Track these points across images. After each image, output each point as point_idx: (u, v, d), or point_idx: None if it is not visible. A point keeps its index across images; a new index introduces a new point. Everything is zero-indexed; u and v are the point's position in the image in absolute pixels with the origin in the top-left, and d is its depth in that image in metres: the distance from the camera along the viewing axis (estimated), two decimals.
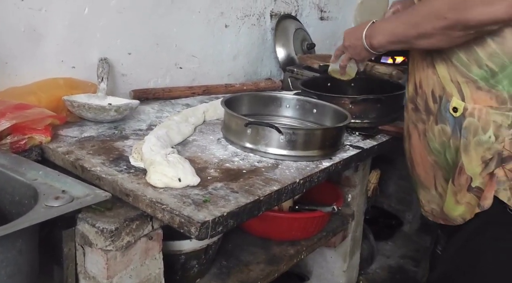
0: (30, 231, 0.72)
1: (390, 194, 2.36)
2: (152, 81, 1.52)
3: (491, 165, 0.89)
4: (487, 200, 0.90)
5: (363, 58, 1.17)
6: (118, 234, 0.82)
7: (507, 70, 0.86)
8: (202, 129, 1.23)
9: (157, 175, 0.87)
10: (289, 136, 1.04)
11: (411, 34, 0.93)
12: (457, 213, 0.97)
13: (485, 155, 0.90)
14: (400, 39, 0.98)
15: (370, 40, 1.05)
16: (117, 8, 1.34)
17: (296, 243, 1.36)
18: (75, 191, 0.78)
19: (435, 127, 0.98)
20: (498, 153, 0.89)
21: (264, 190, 0.90)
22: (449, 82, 0.93)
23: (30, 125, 0.99)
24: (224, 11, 1.69)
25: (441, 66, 0.95)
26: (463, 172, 0.93)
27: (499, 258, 0.95)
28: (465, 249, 0.99)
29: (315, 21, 2.20)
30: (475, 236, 0.97)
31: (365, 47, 1.07)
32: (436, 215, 1.05)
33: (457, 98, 0.92)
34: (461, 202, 0.95)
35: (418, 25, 0.91)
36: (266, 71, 1.98)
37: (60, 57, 1.24)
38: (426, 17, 0.89)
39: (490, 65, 0.87)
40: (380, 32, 1.03)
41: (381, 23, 1.06)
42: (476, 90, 0.90)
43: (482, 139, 0.90)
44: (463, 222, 0.97)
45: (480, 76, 0.89)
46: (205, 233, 0.77)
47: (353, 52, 1.15)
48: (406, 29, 0.95)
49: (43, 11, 1.17)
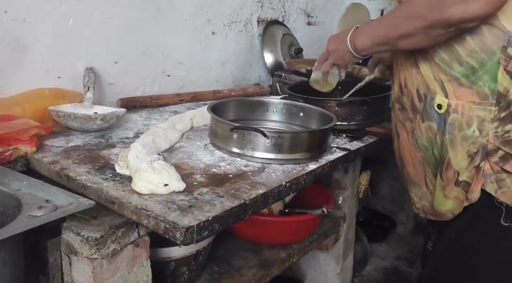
0: (13, 241, 0.72)
1: (383, 195, 2.37)
2: (139, 89, 1.52)
3: (476, 158, 0.91)
4: (474, 193, 0.92)
5: (347, 62, 1.18)
6: (103, 242, 0.82)
7: (486, 66, 0.88)
8: (189, 135, 1.24)
9: (142, 182, 0.87)
10: (275, 139, 1.05)
11: (393, 35, 0.95)
12: (446, 208, 0.98)
13: (470, 149, 0.92)
14: (383, 41, 1.00)
15: (354, 43, 1.07)
16: (101, 18, 1.35)
17: (288, 246, 1.36)
18: (59, 200, 0.78)
19: (422, 124, 1.00)
20: (482, 146, 0.91)
21: (250, 193, 0.91)
22: (432, 81, 0.96)
23: (15, 136, 0.99)
24: (210, 18, 1.71)
25: (424, 65, 0.97)
26: (450, 166, 0.95)
27: (489, 250, 0.96)
28: (455, 244, 1.00)
29: (302, 26, 2.21)
30: (464, 230, 0.98)
31: (349, 50, 1.09)
32: (427, 212, 1.07)
33: (440, 96, 0.94)
34: (449, 197, 0.97)
35: (399, 26, 0.93)
36: (254, 76, 1.99)
37: (45, 67, 1.25)
38: (406, 18, 0.92)
39: (470, 62, 0.90)
40: (363, 35, 1.05)
41: (364, 26, 1.08)
42: (458, 86, 0.92)
43: (467, 133, 0.92)
44: (452, 217, 0.98)
45: (461, 73, 0.91)
46: (190, 238, 0.77)
47: (336, 56, 1.16)
48: (388, 31, 0.97)
49: (27, 22, 1.18)
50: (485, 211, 0.94)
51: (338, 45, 1.13)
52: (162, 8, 1.51)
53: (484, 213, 0.94)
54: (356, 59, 1.13)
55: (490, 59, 0.87)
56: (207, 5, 1.67)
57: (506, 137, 0.89)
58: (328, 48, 1.18)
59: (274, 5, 2.01)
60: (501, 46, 0.86)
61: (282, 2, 2.05)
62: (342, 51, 1.12)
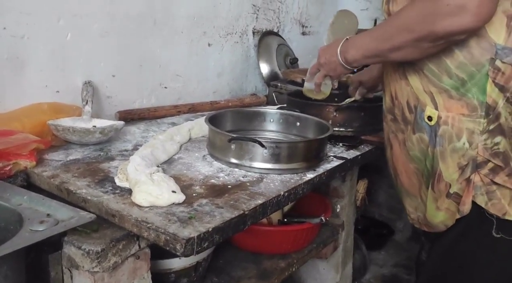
0: (15, 257, 0.72)
1: (381, 203, 2.38)
2: (137, 101, 1.54)
3: (467, 171, 0.91)
4: (466, 205, 0.92)
5: (339, 74, 1.18)
6: (104, 255, 0.82)
7: (475, 78, 0.89)
8: (187, 146, 1.25)
9: (142, 194, 0.88)
10: (272, 149, 1.06)
11: (384, 47, 0.96)
12: (439, 219, 0.98)
13: (460, 161, 0.92)
14: (374, 53, 1.00)
15: (345, 56, 1.08)
16: (99, 32, 1.36)
17: (287, 256, 1.36)
18: (60, 214, 0.78)
19: (413, 136, 1.00)
20: (472, 159, 0.91)
21: (249, 204, 0.91)
22: (422, 92, 0.96)
23: (15, 151, 1.00)
24: (206, 31, 1.73)
25: (413, 77, 0.97)
26: (442, 178, 0.95)
27: (482, 261, 0.96)
28: (448, 255, 1.00)
29: (297, 36, 2.24)
30: (457, 241, 0.98)
31: (341, 63, 1.09)
32: (421, 222, 1.07)
33: (430, 107, 0.94)
34: (441, 208, 0.97)
35: (389, 38, 0.94)
36: (251, 87, 2.01)
37: (44, 82, 1.26)
38: (396, 31, 0.92)
39: (459, 75, 0.90)
40: (353, 47, 1.06)
41: (354, 38, 1.08)
42: (448, 98, 0.92)
43: (457, 146, 0.92)
44: (445, 228, 0.98)
45: (450, 85, 0.91)
46: (190, 250, 0.78)
47: (328, 68, 1.16)
48: (379, 43, 0.97)
49: (25, 38, 1.19)
50: (477, 223, 0.94)
51: (329, 58, 1.13)
52: (159, 22, 1.53)
53: (476, 224, 0.94)
54: (347, 71, 1.14)
55: (479, 71, 0.88)
56: (203, 18, 1.70)
57: (495, 149, 0.89)
58: (319, 60, 1.18)
59: (269, 16, 2.04)
60: (489, 58, 0.86)
61: (277, 13, 2.08)
62: (334, 64, 1.12)
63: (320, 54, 1.17)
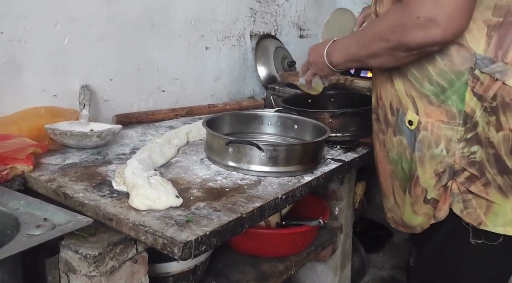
0: (12, 261, 0.72)
1: (379, 205, 2.35)
2: (135, 105, 1.54)
3: (443, 178, 0.92)
4: (442, 211, 0.93)
5: (326, 75, 1.19)
6: (101, 259, 0.82)
7: (455, 86, 0.89)
8: (185, 150, 1.25)
9: (139, 198, 0.88)
10: (270, 152, 1.06)
11: (363, 53, 0.97)
12: (417, 222, 0.99)
13: (437, 168, 0.92)
14: (354, 58, 1.01)
15: (330, 58, 1.08)
16: (97, 35, 1.37)
17: (285, 259, 1.36)
18: (57, 218, 0.78)
19: (394, 138, 1.00)
20: (449, 166, 0.91)
21: (247, 207, 0.91)
22: (404, 96, 0.96)
23: (12, 155, 1.00)
24: (204, 34, 1.73)
25: (398, 80, 0.98)
26: (418, 183, 0.95)
27: (466, 267, 0.97)
28: (434, 261, 1.01)
29: (294, 39, 2.25)
30: (441, 248, 0.99)
31: (326, 64, 1.10)
32: (397, 223, 1.08)
33: (412, 112, 0.95)
34: (419, 213, 0.98)
35: (367, 45, 0.94)
36: (249, 90, 2.01)
37: (41, 86, 1.26)
38: (373, 38, 0.93)
39: (439, 82, 0.90)
40: (337, 50, 1.06)
41: (340, 41, 1.08)
42: (428, 104, 0.92)
43: (435, 152, 0.92)
44: (421, 230, 1.00)
45: (431, 91, 0.92)
46: (188, 253, 0.78)
47: (316, 68, 1.17)
48: (358, 48, 0.98)
49: (22, 42, 1.19)
50: (455, 230, 0.94)
51: (316, 58, 1.14)
52: (156, 25, 1.54)
53: (456, 231, 0.94)
54: (334, 73, 1.14)
55: (459, 79, 0.88)
56: (200, 21, 1.70)
57: (471, 158, 0.89)
58: (309, 58, 1.18)
59: (266, 20, 2.04)
60: (468, 67, 0.86)
61: (274, 16, 2.08)
62: (321, 64, 1.13)
63: (310, 53, 1.18)
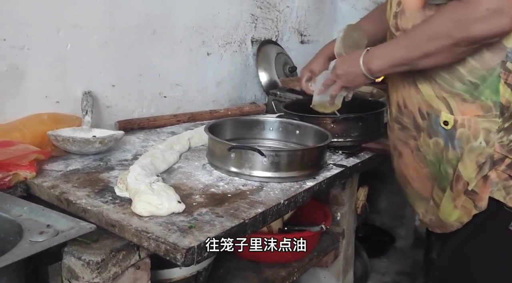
0: (15, 268, 0.72)
1: (382, 210, 2.37)
2: (137, 111, 1.54)
3: (485, 168, 0.95)
4: (483, 201, 0.95)
5: (357, 85, 1.18)
6: (104, 266, 0.82)
7: (487, 81, 0.93)
8: (187, 156, 1.25)
9: (142, 204, 0.88)
10: (272, 158, 1.06)
11: (415, 55, 0.96)
12: (454, 218, 1.00)
13: (478, 159, 0.95)
14: (401, 62, 1.00)
15: (368, 66, 1.06)
16: (99, 42, 1.37)
17: (287, 264, 1.36)
18: (60, 225, 0.78)
19: (429, 141, 1.03)
20: (490, 156, 0.94)
21: (249, 213, 0.91)
22: (435, 99, 0.99)
23: (15, 162, 1.00)
24: (205, 40, 1.74)
25: (424, 85, 1.00)
26: (461, 178, 0.98)
27: (497, 255, 0.98)
28: (462, 250, 1.02)
29: (295, 44, 2.25)
30: (470, 237, 1.00)
31: (363, 73, 1.08)
32: (433, 225, 1.09)
33: (445, 113, 0.98)
34: (458, 206, 0.99)
35: (421, 46, 0.95)
36: (250, 95, 2.01)
37: (44, 93, 1.26)
38: (430, 38, 0.93)
39: (471, 80, 0.94)
40: (378, 57, 1.05)
41: (377, 49, 1.07)
42: (462, 102, 0.96)
43: (474, 145, 0.95)
44: (460, 226, 1.00)
45: (463, 90, 0.95)
46: (191, 259, 0.78)
47: (346, 79, 1.15)
48: (408, 51, 0.97)
49: (25, 49, 1.20)
50: (492, 218, 0.96)
51: (348, 69, 1.12)
52: (158, 32, 1.54)
53: (491, 219, 0.96)
54: (367, 81, 1.12)
55: (491, 74, 0.92)
56: (201, 27, 1.71)
57: (511, 145, 0.93)
58: (337, 72, 1.16)
59: (267, 25, 2.05)
60: (500, 61, 0.90)
61: (275, 22, 2.09)
62: (353, 75, 1.11)
63: (338, 66, 1.16)
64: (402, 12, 1.01)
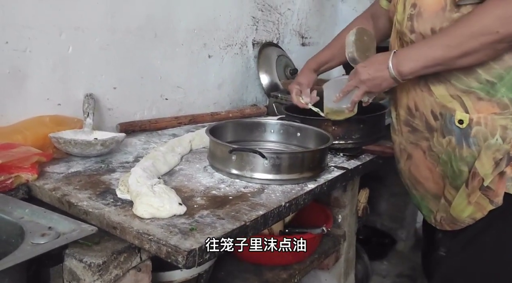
0: (16, 270, 0.72)
1: (382, 212, 2.37)
2: (138, 113, 1.54)
3: (502, 164, 0.96)
4: (499, 196, 0.96)
5: (383, 89, 1.13)
6: (105, 268, 0.82)
7: (504, 79, 0.94)
8: (188, 158, 1.25)
9: (143, 206, 0.88)
10: (273, 160, 1.06)
11: (453, 54, 0.95)
12: (466, 214, 1.01)
13: (496, 156, 0.96)
14: (437, 62, 0.98)
15: (399, 68, 1.03)
16: (100, 45, 1.38)
17: (288, 267, 1.36)
18: (62, 227, 0.78)
19: (443, 140, 1.04)
20: (507, 153, 0.96)
21: (250, 215, 0.91)
22: (449, 99, 1.01)
23: (17, 164, 1.00)
24: (206, 42, 1.74)
25: (438, 87, 1.02)
26: (477, 175, 0.99)
27: (508, 251, 0.99)
28: (472, 247, 1.02)
29: (296, 47, 2.26)
30: (482, 231, 1.00)
31: (392, 76, 1.05)
32: (444, 222, 1.10)
33: (460, 112, 1.00)
34: (472, 202, 1.00)
35: (462, 44, 0.93)
36: (251, 97, 2.02)
37: (45, 95, 1.27)
38: (472, 35, 0.92)
39: (488, 79, 0.95)
40: (409, 59, 1.02)
41: (407, 50, 1.05)
42: (478, 101, 0.97)
43: (491, 143, 0.97)
44: (472, 222, 1.01)
45: (480, 88, 0.97)
46: (192, 262, 0.78)
47: (372, 84, 1.11)
48: (446, 51, 0.95)
49: (27, 52, 1.20)
50: (505, 213, 0.97)
51: (374, 73, 1.09)
52: (159, 34, 1.55)
53: (503, 214, 0.97)
54: (395, 85, 1.08)
55: (508, 73, 0.94)
56: (203, 30, 1.71)
57: None
58: (361, 77, 1.12)
59: (268, 28, 2.05)
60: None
61: (276, 25, 2.10)
62: (380, 79, 1.08)
63: (361, 71, 1.11)
64: (419, 14, 1.00)
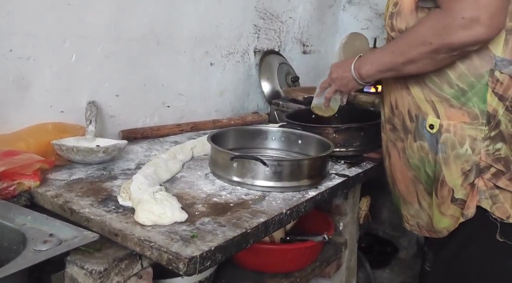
0: (18, 277, 0.72)
1: (384, 220, 2.36)
2: (140, 120, 1.55)
3: (470, 176, 0.95)
4: (470, 209, 0.96)
5: (350, 89, 1.21)
6: (107, 275, 0.82)
7: (475, 88, 0.93)
8: (190, 165, 1.25)
9: (144, 213, 0.88)
10: (274, 167, 1.07)
11: (399, 61, 0.99)
12: (443, 225, 1.01)
13: (464, 166, 0.96)
14: (388, 68, 1.03)
15: (359, 71, 1.11)
16: (104, 53, 1.39)
17: (290, 274, 1.35)
18: (63, 234, 0.78)
19: (414, 144, 1.04)
20: (476, 164, 0.95)
21: (252, 222, 0.92)
22: (423, 102, 1.00)
23: (19, 171, 1.01)
24: (208, 50, 1.75)
25: (415, 87, 1.02)
26: (445, 184, 0.98)
27: (487, 267, 0.98)
28: (454, 261, 1.02)
29: (298, 55, 2.27)
30: (460, 249, 1.00)
31: (354, 78, 1.13)
32: (422, 228, 1.10)
33: (432, 116, 0.99)
34: (446, 214, 0.99)
35: (404, 52, 0.97)
36: (253, 105, 2.03)
37: (48, 102, 1.28)
38: (412, 44, 0.95)
39: (460, 85, 0.95)
40: (368, 63, 1.09)
41: (368, 54, 1.12)
42: (449, 107, 0.97)
43: (460, 152, 0.96)
44: (447, 233, 1.01)
45: (451, 95, 0.96)
46: (193, 269, 0.78)
47: (340, 83, 1.19)
48: (393, 57, 1.00)
49: (31, 60, 1.21)
50: (480, 228, 0.97)
51: (342, 73, 1.17)
52: (162, 42, 1.56)
53: (479, 230, 0.97)
54: (359, 86, 1.17)
55: (479, 81, 0.92)
56: (205, 38, 1.72)
57: (497, 155, 0.94)
58: (332, 75, 1.21)
59: (270, 36, 2.07)
60: (488, 69, 0.91)
61: (277, 33, 2.11)
62: (346, 79, 1.16)
63: (333, 70, 1.21)
64: (399, 12, 1.02)
